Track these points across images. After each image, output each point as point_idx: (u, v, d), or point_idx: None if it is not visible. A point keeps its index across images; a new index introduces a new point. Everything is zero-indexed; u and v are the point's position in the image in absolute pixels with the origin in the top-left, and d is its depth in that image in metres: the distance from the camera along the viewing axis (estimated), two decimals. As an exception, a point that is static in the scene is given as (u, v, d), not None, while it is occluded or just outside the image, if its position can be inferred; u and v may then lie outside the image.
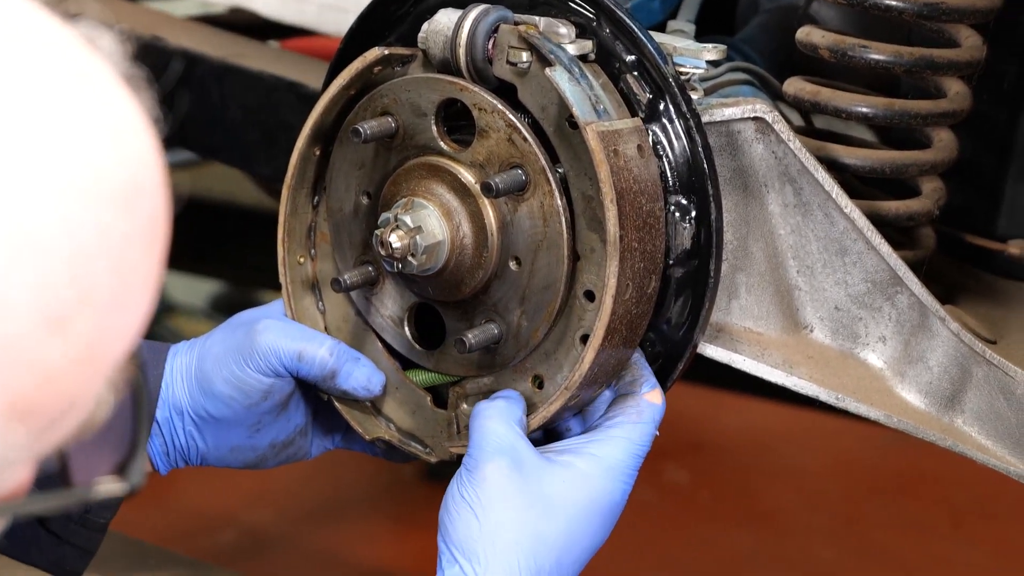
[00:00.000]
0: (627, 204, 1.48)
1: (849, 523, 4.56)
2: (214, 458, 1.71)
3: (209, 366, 1.66)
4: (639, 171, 1.51)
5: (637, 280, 1.51)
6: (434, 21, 1.57)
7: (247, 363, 1.64)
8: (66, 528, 1.70)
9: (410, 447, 1.66)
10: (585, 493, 1.52)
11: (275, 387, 1.66)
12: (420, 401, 1.67)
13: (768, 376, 1.65)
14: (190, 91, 2.46)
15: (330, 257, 1.71)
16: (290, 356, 1.63)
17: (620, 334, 1.52)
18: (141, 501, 4.49)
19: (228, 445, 1.70)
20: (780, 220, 1.64)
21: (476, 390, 1.62)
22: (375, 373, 1.66)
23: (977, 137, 1.89)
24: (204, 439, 1.69)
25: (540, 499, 1.51)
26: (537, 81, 1.52)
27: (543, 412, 1.55)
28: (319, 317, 1.72)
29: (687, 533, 4.51)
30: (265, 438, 1.70)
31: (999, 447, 1.65)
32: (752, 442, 5.14)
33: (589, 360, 1.51)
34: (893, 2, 1.69)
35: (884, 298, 1.65)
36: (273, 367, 1.64)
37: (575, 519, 1.52)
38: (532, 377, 1.58)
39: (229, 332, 1.67)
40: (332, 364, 1.64)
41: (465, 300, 1.60)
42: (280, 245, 1.70)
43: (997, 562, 4.36)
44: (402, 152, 1.61)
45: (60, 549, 1.71)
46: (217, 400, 1.66)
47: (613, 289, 1.49)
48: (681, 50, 1.59)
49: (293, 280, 1.70)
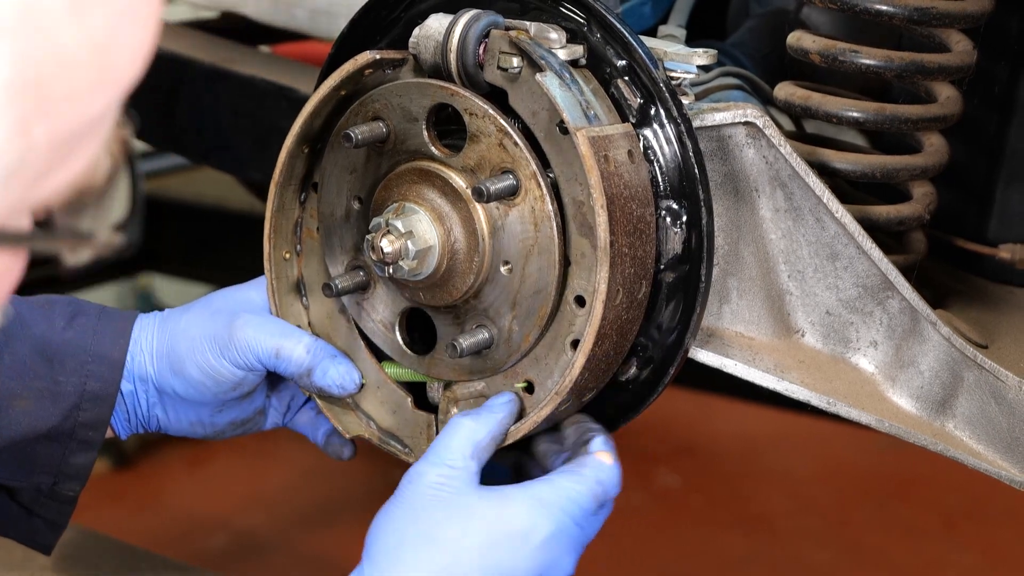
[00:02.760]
0: (617, 210, 1.48)
1: (841, 527, 4.56)
2: (174, 429, 1.73)
3: (183, 348, 1.67)
4: (630, 176, 1.51)
5: (628, 286, 1.51)
6: (425, 26, 1.57)
7: (223, 354, 1.65)
8: (36, 501, 1.72)
9: (389, 446, 1.67)
10: (501, 516, 1.47)
11: (247, 379, 1.68)
12: (401, 401, 1.67)
13: (759, 380, 1.65)
14: (181, 96, 2.46)
15: (316, 253, 1.71)
16: (268, 352, 1.64)
17: (611, 339, 1.52)
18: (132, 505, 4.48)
19: (189, 420, 1.72)
20: (771, 225, 1.64)
21: (467, 395, 1.62)
22: (351, 371, 1.66)
23: (968, 141, 1.89)
24: (166, 412, 1.71)
25: (455, 515, 1.47)
26: (528, 86, 1.52)
27: (533, 417, 1.56)
28: (303, 313, 1.72)
29: (679, 537, 4.51)
30: (226, 417, 1.73)
31: (990, 451, 1.65)
32: (744, 446, 5.14)
33: (580, 365, 1.51)
34: (884, 7, 1.69)
35: (875, 303, 1.65)
36: (249, 362, 1.65)
37: (486, 544, 1.46)
38: (523, 382, 1.58)
39: (207, 316, 1.68)
40: (309, 362, 1.65)
41: (456, 305, 1.60)
42: (266, 241, 1.70)
43: (988, 565, 4.36)
44: (393, 157, 1.61)
45: (31, 522, 1.73)
46: (186, 382, 1.68)
47: (603, 295, 1.49)
48: (672, 55, 1.59)
49: (278, 276, 1.71)
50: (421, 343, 1.67)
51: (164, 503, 4.57)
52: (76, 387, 1.66)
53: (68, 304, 1.70)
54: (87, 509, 4.42)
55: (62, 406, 1.66)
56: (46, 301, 1.70)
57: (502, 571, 1.46)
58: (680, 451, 5.06)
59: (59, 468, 1.69)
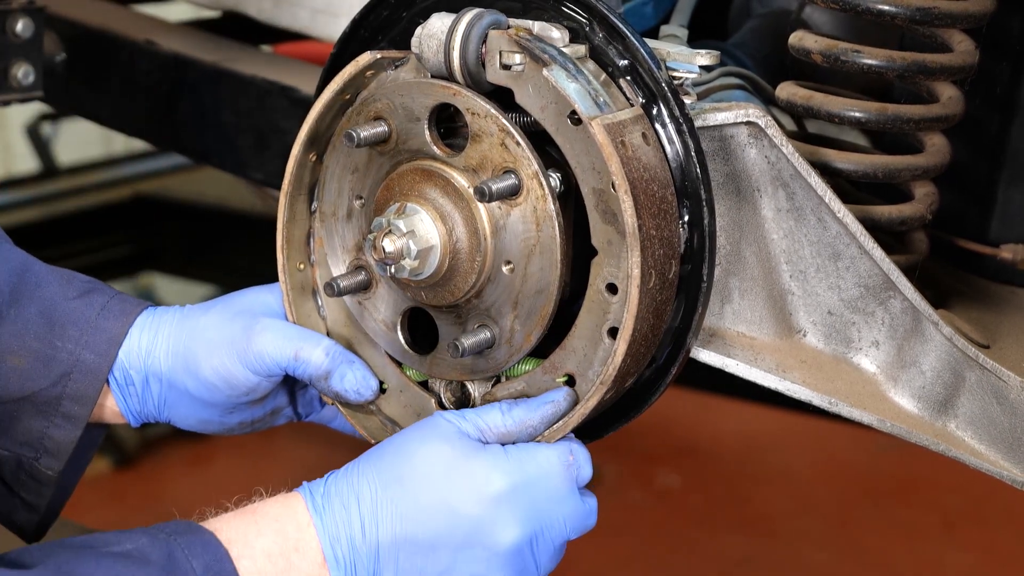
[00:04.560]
0: (641, 193, 1.49)
1: (841, 527, 4.56)
2: (183, 423, 1.74)
3: (200, 349, 1.67)
4: (647, 159, 1.51)
5: (659, 267, 1.51)
6: (427, 25, 1.57)
7: (240, 360, 1.65)
8: (16, 479, 1.72)
9: None
10: (467, 461, 1.51)
11: (262, 385, 1.68)
12: (424, 404, 1.67)
13: (761, 380, 1.65)
14: (182, 95, 2.46)
15: (327, 262, 1.71)
16: (287, 356, 1.65)
17: (648, 322, 1.52)
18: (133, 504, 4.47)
19: (199, 417, 1.73)
20: (773, 225, 1.64)
21: (507, 395, 1.62)
22: (368, 377, 1.67)
23: (969, 142, 1.89)
24: (177, 408, 1.72)
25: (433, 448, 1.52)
26: (534, 82, 1.52)
27: (580, 409, 1.55)
28: (321, 323, 1.72)
29: (679, 537, 4.51)
30: (236, 418, 1.74)
31: (992, 451, 1.65)
32: (745, 447, 5.14)
33: (622, 352, 1.51)
34: (886, 7, 1.69)
35: (877, 302, 1.65)
36: (267, 368, 1.65)
37: (444, 476, 1.51)
38: (563, 376, 1.58)
39: (227, 319, 1.68)
40: (327, 365, 1.65)
41: (458, 304, 1.60)
42: (279, 252, 1.70)
43: (989, 566, 4.36)
44: (395, 157, 1.61)
45: (11, 500, 1.73)
46: (199, 383, 1.68)
47: (638, 279, 1.49)
48: (674, 55, 1.59)
49: (293, 287, 1.71)
50: (423, 343, 1.67)
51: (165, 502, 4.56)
52: (71, 355, 1.67)
53: (87, 281, 1.72)
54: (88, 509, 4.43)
55: (54, 371, 1.67)
56: (67, 272, 1.72)
57: (447, 503, 1.50)
58: (681, 451, 5.06)
59: (41, 441, 1.69)
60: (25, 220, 4.52)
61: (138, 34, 2.54)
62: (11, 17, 2.45)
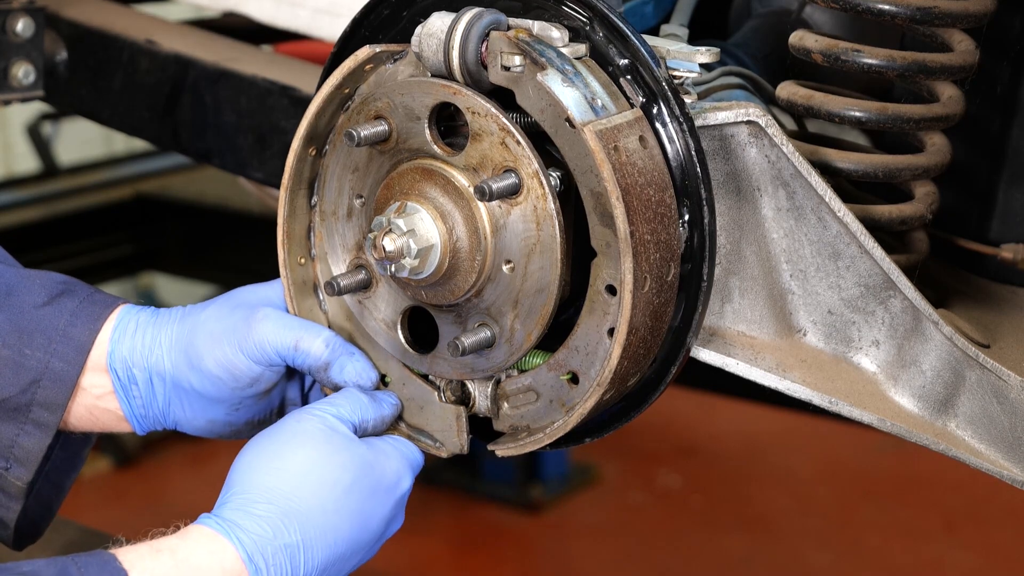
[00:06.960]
0: (634, 199, 1.48)
1: (842, 527, 4.56)
2: (190, 427, 1.74)
3: (202, 342, 1.67)
4: (643, 163, 1.51)
5: (655, 271, 1.51)
6: (427, 24, 1.57)
7: (241, 349, 1.66)
8: None
9: (419, 442, 1.67)
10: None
11: (264, 376, 1.68)
12: (428, 396, 1.67)
13: (761, 380, 1.65)
14: (183, 95, 2.46)
15: (327, 258, 1.71)
16: (287, 345, 1.65)
17: (646, 325, 1.52)
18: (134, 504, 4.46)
19: (206, 417, 1.72)
20: (773, 224, 1.64)
21: (516, 390, 1.62)
22: (368, 369, 1.67)
23: (970, 141, 1.89)
24: (183, 408, 1.71)
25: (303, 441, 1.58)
26: (533, 84, 1.52)
27: (579, 410, 1.56)
28: (322, 317, 1.73)
29: (680, 538, 4.51)
30: (243, 416, 1.73)
31: (992, 451, 1.65)
32: (745, 446, 5.14)
33: (617, 355, 1.51)
34: (886, 6, 1.69)
35: (877, 302, 1.65)
36: (268, 357, 1.65)
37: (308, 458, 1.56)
38: (567, 373, 1.58)
39: (227, 311, 1.69)
40: (327, 356, 1.66)
41: (458, 303, 1.60)
42: (280, 247, 1.70)
43: (989, 566, 4.37)
44: (395, 156, 1.61)
45: None
46: (204, 377, 1.68)
47: (631, 285, 1.49)
48: (674, 54, 1.59)
49: (294, 281, 1.71)
50: (423, 342, 1.67)
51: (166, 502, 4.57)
52: (40, 363, 1.67)
53: (61, 283, 1.71)
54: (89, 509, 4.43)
55: (23, 379, 1.66)
56: (42, 275, 1.71)
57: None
58: (681, 451, 5.06)
59: (11, 449, 1.68)
60: (26, 220, 4.53)
61: (139, 34, 2.54)
62: (11, 17, 2.46)
